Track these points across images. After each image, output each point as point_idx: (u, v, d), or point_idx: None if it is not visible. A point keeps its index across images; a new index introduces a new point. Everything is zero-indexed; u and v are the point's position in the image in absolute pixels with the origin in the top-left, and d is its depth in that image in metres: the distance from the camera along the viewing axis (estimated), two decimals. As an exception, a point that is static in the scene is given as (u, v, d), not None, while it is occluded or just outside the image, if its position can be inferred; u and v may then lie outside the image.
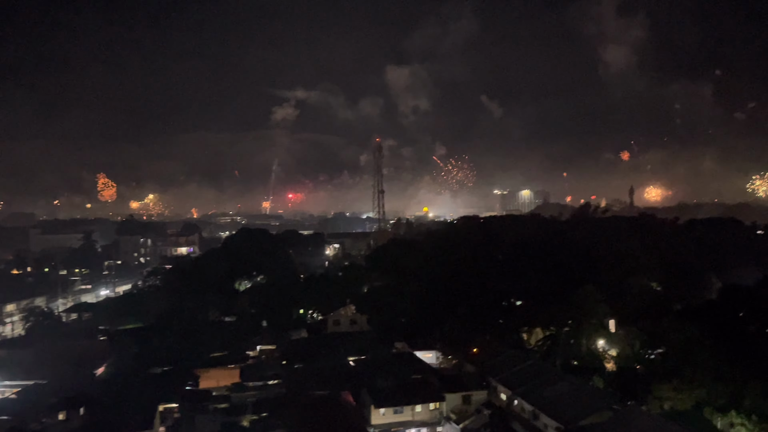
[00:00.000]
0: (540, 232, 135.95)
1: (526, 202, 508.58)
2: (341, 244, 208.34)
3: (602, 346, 74.12)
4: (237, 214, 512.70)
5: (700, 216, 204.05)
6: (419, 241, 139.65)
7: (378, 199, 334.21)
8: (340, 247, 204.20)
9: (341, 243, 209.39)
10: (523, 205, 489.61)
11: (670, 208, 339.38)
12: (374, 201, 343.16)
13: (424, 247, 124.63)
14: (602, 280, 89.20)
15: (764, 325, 68.53)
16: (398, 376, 65.92)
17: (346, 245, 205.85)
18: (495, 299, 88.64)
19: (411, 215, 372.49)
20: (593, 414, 51.14)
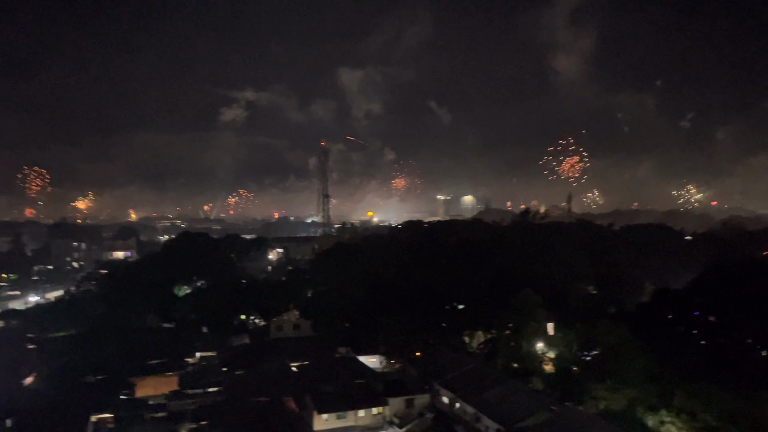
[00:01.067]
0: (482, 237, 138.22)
1: (468, 208, 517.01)
2: (285, 248, 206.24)
3: (541, 349, 75.87)
4: (177, 217, 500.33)
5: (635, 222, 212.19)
6: (364, 246, 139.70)
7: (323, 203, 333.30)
8: (283, 251, 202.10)
9: (285, 248, 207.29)
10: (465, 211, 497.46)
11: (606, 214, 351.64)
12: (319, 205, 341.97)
13: (368, 251, 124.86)
14: (541, 284, 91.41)
15: (691, 327, 71.86)
16: (341, 381, 65.65)
17: (290, 250, 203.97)
18: (438, 303, 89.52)
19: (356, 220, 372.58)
20: (532, 415, 52.25)
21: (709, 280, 72.76)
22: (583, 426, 48.74)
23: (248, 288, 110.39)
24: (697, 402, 50.76)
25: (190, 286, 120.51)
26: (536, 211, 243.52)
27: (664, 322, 72.44)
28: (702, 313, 72.22)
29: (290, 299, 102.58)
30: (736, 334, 67.19)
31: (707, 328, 70.40)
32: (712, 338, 68.96)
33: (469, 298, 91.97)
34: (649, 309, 76.66)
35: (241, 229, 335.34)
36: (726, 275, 71.49)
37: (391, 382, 68.56)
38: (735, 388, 54.19)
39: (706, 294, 71.37)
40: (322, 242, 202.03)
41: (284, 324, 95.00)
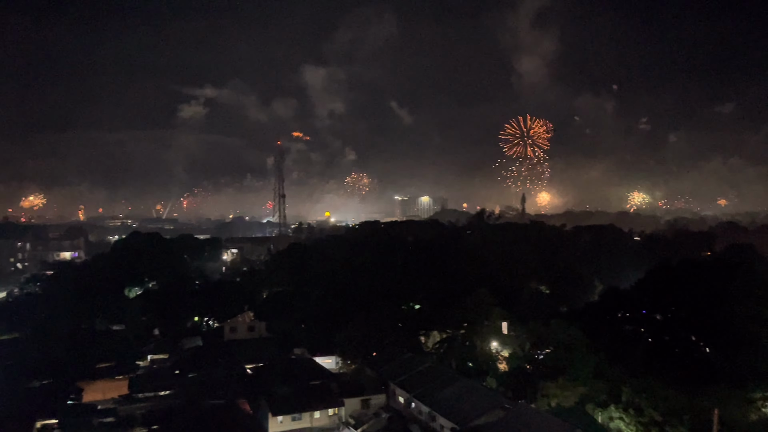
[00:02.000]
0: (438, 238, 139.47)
1: (425, 208, 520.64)
2: (240, 249, 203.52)
3: (495, 348, 77.05)
4: (128, 217, 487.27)
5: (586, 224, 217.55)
6: (320, 247, 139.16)
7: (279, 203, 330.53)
8: (238, 252, 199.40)
9: (240, 248, 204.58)
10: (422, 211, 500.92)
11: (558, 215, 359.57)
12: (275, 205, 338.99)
13: (325, 252, 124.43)
14: (496, 284, 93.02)
15: (639, 325, 74.13)
16: (297, 382, 65.20)
17: (245, 250, 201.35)
18: (394, 303, 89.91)
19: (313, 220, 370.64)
20: (486, 413, 53.01)
21: (655, 280, 75.14)
22: (535, 423, 49.70)
23: (201, 289, 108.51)
24: (643, 397, 52.43)
25: (141, 288, 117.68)
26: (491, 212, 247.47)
27: (613, 321, 74.54)
28: (649, 312, 74.62)
29: (245, 300, 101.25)
30: (681, 332, 69.64)
31: (654, 326, 72.74)
32: (658, 336, 71.28)
33: (426, 299, 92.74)
34: (599, 308, 78.77)
35: (195, 229, 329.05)
36: (670, 275, 74.00)
37: (347, 383, 68.47)
38: (679, 384, 56.24)
39: (653, 293, 73.71)
40: (277, 243, 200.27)
41: (239, 326, 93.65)
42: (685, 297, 69.00)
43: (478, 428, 51.06)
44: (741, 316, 63.54)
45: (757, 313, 65.21)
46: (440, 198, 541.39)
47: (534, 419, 51.00)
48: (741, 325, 62.77)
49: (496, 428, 49.81)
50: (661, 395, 52.59)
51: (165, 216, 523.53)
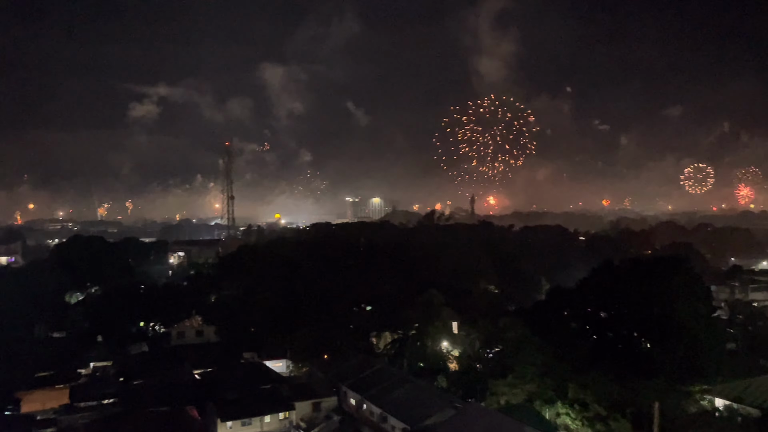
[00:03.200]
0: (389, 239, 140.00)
1: (376, 210, 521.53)
2: (187, 252, 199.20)
3: (446, 347, 77.82)
4: (68, 220, 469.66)
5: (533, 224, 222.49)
6: (270, 249, 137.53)
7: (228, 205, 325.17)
8: (185, 255, 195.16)
9: (187, 251, 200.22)
10: (373, 212, 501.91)
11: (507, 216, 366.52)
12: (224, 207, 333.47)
13: (275, 254, 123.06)
14: (446, 284, 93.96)
15: (584, 322, 76.16)
16: (246, 387, 64.23)
17: (193, 253, 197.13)
18: (346, 305, 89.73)
19: (263, 222, 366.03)
20: (437, 413, 53.40)
21: (599, 278, 77.30)
22: (484, 421, 50.39)
23: (147, 294, 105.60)
24: (588, 393, 53.88)
25: (82, 293, 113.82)
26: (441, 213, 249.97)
27: (560, 319, 76.26)
28: (593, 310, 76.75)
29: (193, 305, 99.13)
30: (623, 328, 71.90)
31: (598, 323, 74.85)
32: (602, 333, 73.41)
33: (377, 300, 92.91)
34: (546, 306, 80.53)
35: (140, 231, 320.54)
36: (613, 273, 76.27)
37: (298, 386, 67.93)
38: (622, 379, 58.07)
39: (597, 291, 75.82)
40: (226, 245, 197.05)
41: (186, 330, 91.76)
42: (627, 294, 71.22)
43: (429, 428, 51.41)
44: (679, 312, 66.03)
45: (695, 309, 67.95)
46: (391, 199, 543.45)
47: (483, 417, 51.69)
48: (679, 321, 65.21)
49: (447, 427, 50.26)
50: (605, 390, 54.18)
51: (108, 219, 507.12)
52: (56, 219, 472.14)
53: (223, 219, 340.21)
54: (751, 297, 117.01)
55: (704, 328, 66.89)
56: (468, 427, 49.65)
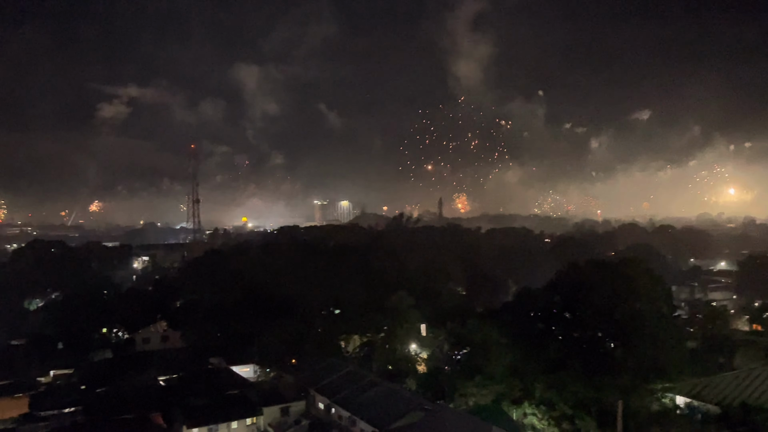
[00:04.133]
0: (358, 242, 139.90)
1: (344, 212, 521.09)
2: (152, 256, 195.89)
3: (415, 350, 78.07)
4: (27, 224, 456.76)
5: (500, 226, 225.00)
6: (237, 252, 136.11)
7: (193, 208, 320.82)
8: (150, 259, 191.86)
9: (152, 255, 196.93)
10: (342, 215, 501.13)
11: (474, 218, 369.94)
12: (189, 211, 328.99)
13: (242, 258, 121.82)
14: (414, 286, 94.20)
15: (551, 323, 77.25)
16: (213, 392, 63.40)
17: (158, 258, 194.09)
18: (314, 309, 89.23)
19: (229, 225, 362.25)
20: (406, 415, 53.50)
21: (564, 280, 78.50)
22: (453, 423, 50.69)
23: (110, 299, 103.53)
24: (554, 393, 54.69)
25: (42, 299, 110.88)
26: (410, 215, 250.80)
27: (527, 320, 77.19)
28: (559, 310, 77.90)
29: (158, 310, 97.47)
30: (588, 329, 73.14)
31: (564, 323, 76.01)
32: (568, 333, 74.55)
33: (346, 303, 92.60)
34: (513, 307, 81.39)
35: (103, 236, 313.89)
36: (578, 275, 77.54)
37: (266, 391, 67.35)
38: (587, 378, 59.06)
39: (562, 292, 76.99)
40: (192, 249, 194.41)
41: (151, 336, 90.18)
42: (591, 295, 72.49)
43: (397, 430, 51.47)
44: (642, 312, 67.49)
45: (657, 309, 69.55)
46: (360, 202, 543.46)
47: (452, 419, 52.00)
48: (642, 321, 66.64)
49: (416, 430, 50.40)
50: (570, 390, 55.05)
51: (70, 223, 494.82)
52: (15, 224, 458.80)
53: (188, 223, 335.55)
54: (710, 296, 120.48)
55: (666, 327, 68.50)
56: (437, 429, 49.87)
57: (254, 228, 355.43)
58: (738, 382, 58.45)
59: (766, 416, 49.23)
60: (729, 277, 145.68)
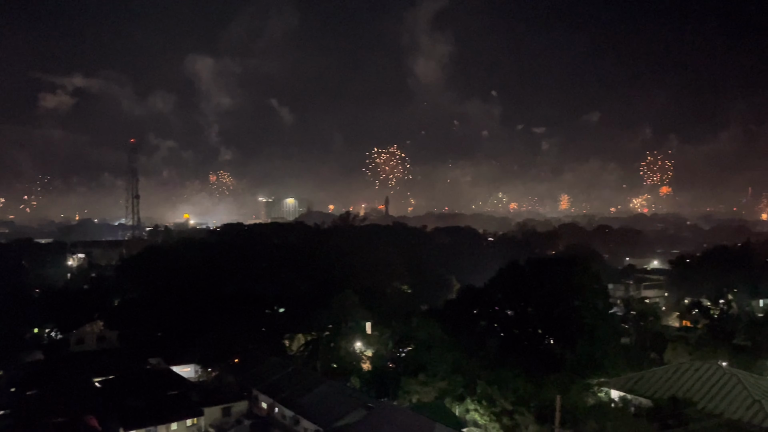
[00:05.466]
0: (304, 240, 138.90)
1: (290, 210, 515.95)
2: (88, 253, 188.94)
3: (360, 348, 78.11)
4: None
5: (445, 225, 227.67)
6: (179, 250, 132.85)
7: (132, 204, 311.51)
8: (86, 257, 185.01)
9: (88, 253, 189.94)
10: (287, 213, 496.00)
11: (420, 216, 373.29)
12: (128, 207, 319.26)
13: (183, 256, 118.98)
14: (360, 285, 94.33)
15: (493, 320, 78.81)
16: (151, 393, 61.66)
17: (94, 255, 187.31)
18: (258, 307, 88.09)
19: (171, 222, 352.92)
20: (350, 414, 53.50)
21: (506, 278, 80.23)
22: (396, 420, 50.99)
23: (42, 298, 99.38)
24: (495, 389, 55.71)
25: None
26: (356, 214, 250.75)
27: (470, 317, 78.51)
28: (501, 308, 79.58)
29: (94, 309, 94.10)
30: (529, 326, 75.01)
31: (506, 321, 77.69)
32: (509, 330, 76.23)
33: (291, 301, 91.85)
34: (457, 305, 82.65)
35: (36, 232, 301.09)
36: (520, 273, 79.40)
37: (207, 391, 66.00)
38: (527, 374, 60.48)
39: (504, 290, 78.67)
40: (130, 247, 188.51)
41: (86, 336, 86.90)
42: (532, 293, 74.37)
43: (341, 429, 51.41)
44: (580, 309, 69.70)
45: (593, 306, 71.97)
46: (306, 200, 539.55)
47: (395, 416, 52.30)
48: (580, 318, 68.82)
49: (359, 428, 50.46)
50: (511, 386, 56.22)
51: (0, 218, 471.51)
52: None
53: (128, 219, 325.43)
54: (643, 294, 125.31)
55: (602, 324, 70.97)
56: (380, 427, 50.07)
57: (196, 225, 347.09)
58: (668, 377, 61.16)
59: (694, 409, 51.71)
60: (661, 275, 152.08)
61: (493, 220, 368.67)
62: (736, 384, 56.79)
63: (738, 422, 50.53)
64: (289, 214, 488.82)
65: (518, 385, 56.69)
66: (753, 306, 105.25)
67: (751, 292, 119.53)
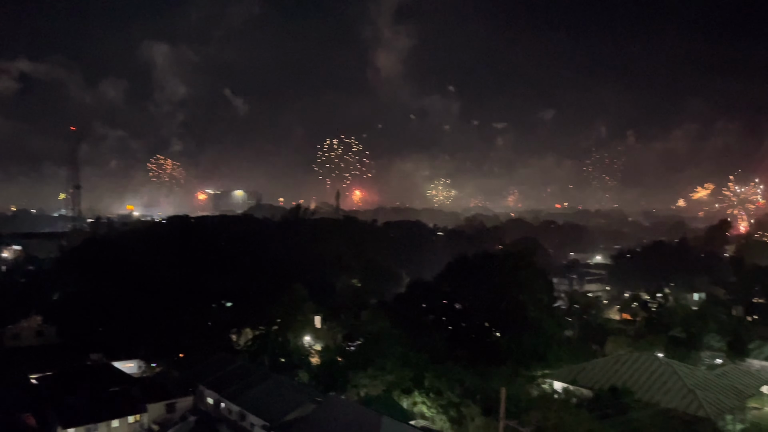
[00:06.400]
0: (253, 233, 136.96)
1: (239, 203, 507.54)
2: (24, 246, 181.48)
3: (309, 342, 77.76)
4: None
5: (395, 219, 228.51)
6: (122, 243, 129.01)
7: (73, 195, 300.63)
8: (22, 249, 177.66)
9: (24, 245, 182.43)
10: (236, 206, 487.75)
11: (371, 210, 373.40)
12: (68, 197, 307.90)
13: (127, 248, 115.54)
14: (310, 279, 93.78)
15: (441, 313, 79.73)
16: (92, 390, 59.79)
17: (32, 247, 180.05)
18: (205, 301, 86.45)
19: (114, 214, 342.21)
20: (297, 408, 53.24)
21: (455, 271, 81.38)
22: (343, 414, 50.97)
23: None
24: (443, 381, 56.45)
25: None
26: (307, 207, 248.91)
27: (419, 311, 79.26)
28: (449, 301, 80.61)
29: (31, 303, 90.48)
30: (476, 319, 76.24)
31: (454, 314, 78.74)
32: (457, 323, 77.30)
33: (238, 296, 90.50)
34: (406, 299, 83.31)
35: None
36: (468, 267, 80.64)
37: (151, 387, 64.35)
38: (473, 367, 61.50)
39: (453, 284, 79.76)
40: (71, 239, 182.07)
41: (22, 331, 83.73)
42: (479, 287, 75.63)
43: (288, 423, 51.12)
44: (525, 303, 71.30)
45: (539, 300, 73.76)
46: (255, 192, 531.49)
47: (343, 410, 52.28)
48: (525, 311, 70.42)
49: (306, 422, 50.26)
50: (457, 378, 57.08)
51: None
52: None
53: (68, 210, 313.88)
54: (586, 288, 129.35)
55: (546, 317, 72.84)
56: (327, 421, 49.98)
57: (141, 217, 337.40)
58: (608, 368, 63.30)
59: (633, 398, 53.68)
60: (603, 270, 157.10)
61: (443, 215, 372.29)
62: (672, 374, 59.29)
63: (673, 411, 52.78)
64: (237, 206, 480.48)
65: (465, 378, 57.62)
66: (688, 299, 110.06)
67: (687, 285, 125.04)
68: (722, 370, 65.83)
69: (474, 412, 52.66)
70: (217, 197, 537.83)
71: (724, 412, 55.53)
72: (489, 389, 53.81)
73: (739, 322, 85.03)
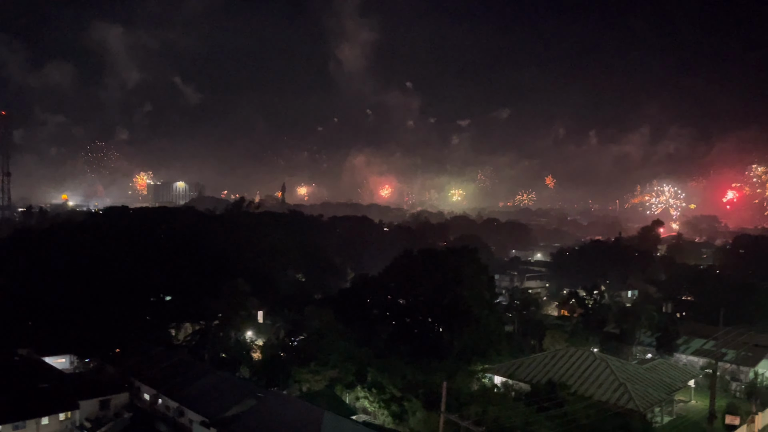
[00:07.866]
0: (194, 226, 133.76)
1: (180, 194, 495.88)
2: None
3: (250, 337, 76.62)
4: None
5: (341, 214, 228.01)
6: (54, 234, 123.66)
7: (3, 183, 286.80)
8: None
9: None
10: (177, 197, 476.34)
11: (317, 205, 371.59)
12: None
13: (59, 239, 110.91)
14: (253, 273, 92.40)
15: (385, 309, 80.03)
16: (20, 386, 57.19)
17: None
18: (142, 295, 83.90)
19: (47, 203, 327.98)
20: (237, 404, 52.37)
21: (399, 267, 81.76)
22: (284, 409, 50.56)
23: None
24: (385, 376, 56.74)
25: None
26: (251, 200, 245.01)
27: (362, 306, 79.28)
28: (393, 297, 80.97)
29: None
30: (419, 314, 76.87)
31: (397, 309, 79.14)
32: (400, 319, 77.75)
33: (178, 290, 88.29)
34: (350, 294, 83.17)
35: None
36: (412, 262, 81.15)
37: (84, 383, 62.06)
38: (416, 362, 62.02)
39: (397, 279, 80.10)
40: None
41: (-57, 326, 78.91)
42: (423, 282, 76.25)
43: (228, 419, 50.24)
44: (467, 299, 72.33)
45: (480, 296, 74.96)
46: (198, 184, 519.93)
47: (284, 405, 51.87)
48: (467, 307, 71.45)
49: (246, 417, 49.57)
50: (400, 373, 57.47)
51: None
52: None
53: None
54: (526, 284, 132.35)
55: (488, 313, 74.13)
56: (267, 416, 49.47)
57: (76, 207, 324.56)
58: (546, 362, 65.10)
59: (569, 392, 55.37)
60: (543, 267, 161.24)
61: (389, 211, 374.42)
62: (605, 368, 61.50)
63: (606, 403, 54.74)
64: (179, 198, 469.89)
65: (407, 372, 58.06)
66: (622, 296, 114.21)
67: (622, 283, 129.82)
68: (652, 365, 68.64)
69: (416, 407, 53.16)
70: (157, 188, 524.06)
71: (653, 404, 58.03)
72: (431, 384, 54.38)
73: (669, 319, 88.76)
